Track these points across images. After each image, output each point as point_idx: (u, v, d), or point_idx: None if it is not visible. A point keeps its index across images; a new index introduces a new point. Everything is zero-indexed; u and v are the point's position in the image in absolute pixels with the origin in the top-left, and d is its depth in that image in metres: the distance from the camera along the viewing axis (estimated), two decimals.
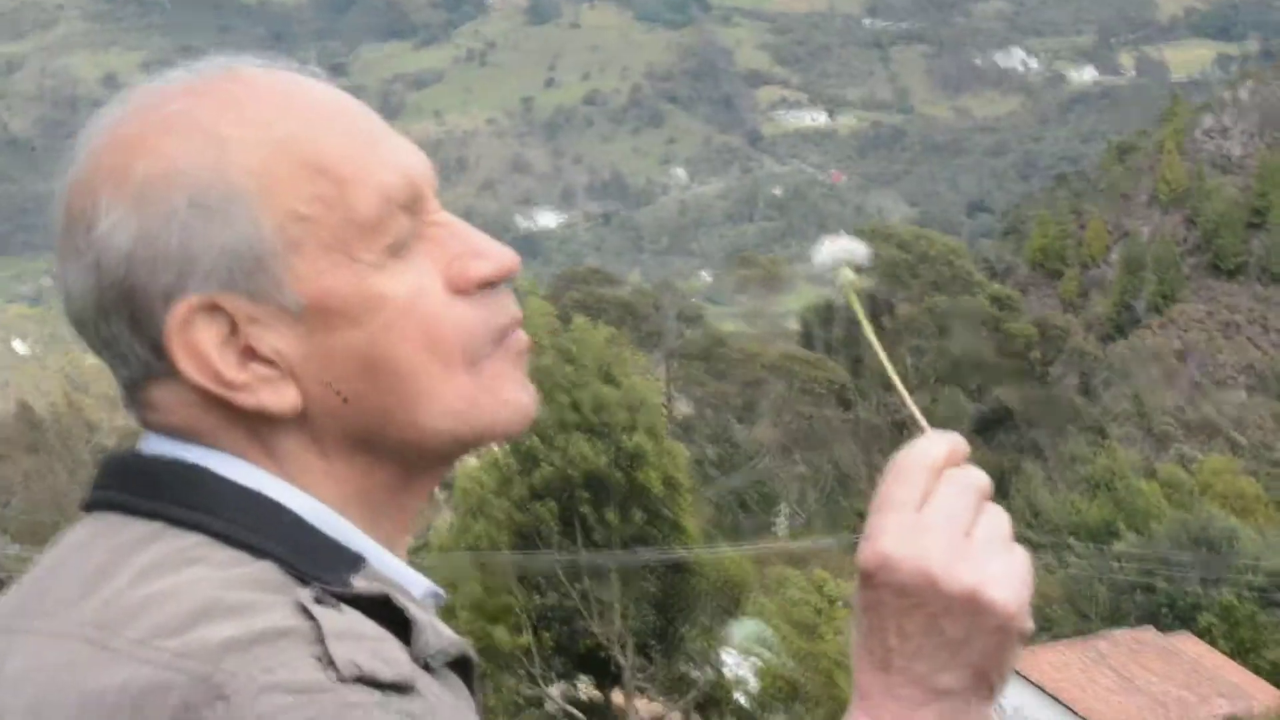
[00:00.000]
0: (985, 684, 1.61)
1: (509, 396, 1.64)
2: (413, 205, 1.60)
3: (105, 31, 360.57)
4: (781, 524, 76.14)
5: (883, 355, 1.82)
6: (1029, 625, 1.60)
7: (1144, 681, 52.48)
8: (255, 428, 1.57)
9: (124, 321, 1.55)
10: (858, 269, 1.70)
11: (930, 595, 1.57)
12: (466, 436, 1.64)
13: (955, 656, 1.58)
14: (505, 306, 1.65)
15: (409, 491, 1.66)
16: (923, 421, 1.69)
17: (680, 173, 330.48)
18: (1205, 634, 57.71)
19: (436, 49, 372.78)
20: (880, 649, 1.59)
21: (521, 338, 1.68)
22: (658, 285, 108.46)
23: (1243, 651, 56.23)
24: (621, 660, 42.56)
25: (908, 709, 1.58)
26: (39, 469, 56.03)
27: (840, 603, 40.99)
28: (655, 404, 45.89)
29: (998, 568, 1.58)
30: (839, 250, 1.72)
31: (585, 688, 44.38)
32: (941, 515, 1.58)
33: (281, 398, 1.55)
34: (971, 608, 1.57)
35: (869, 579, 1.59)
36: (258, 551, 1.50)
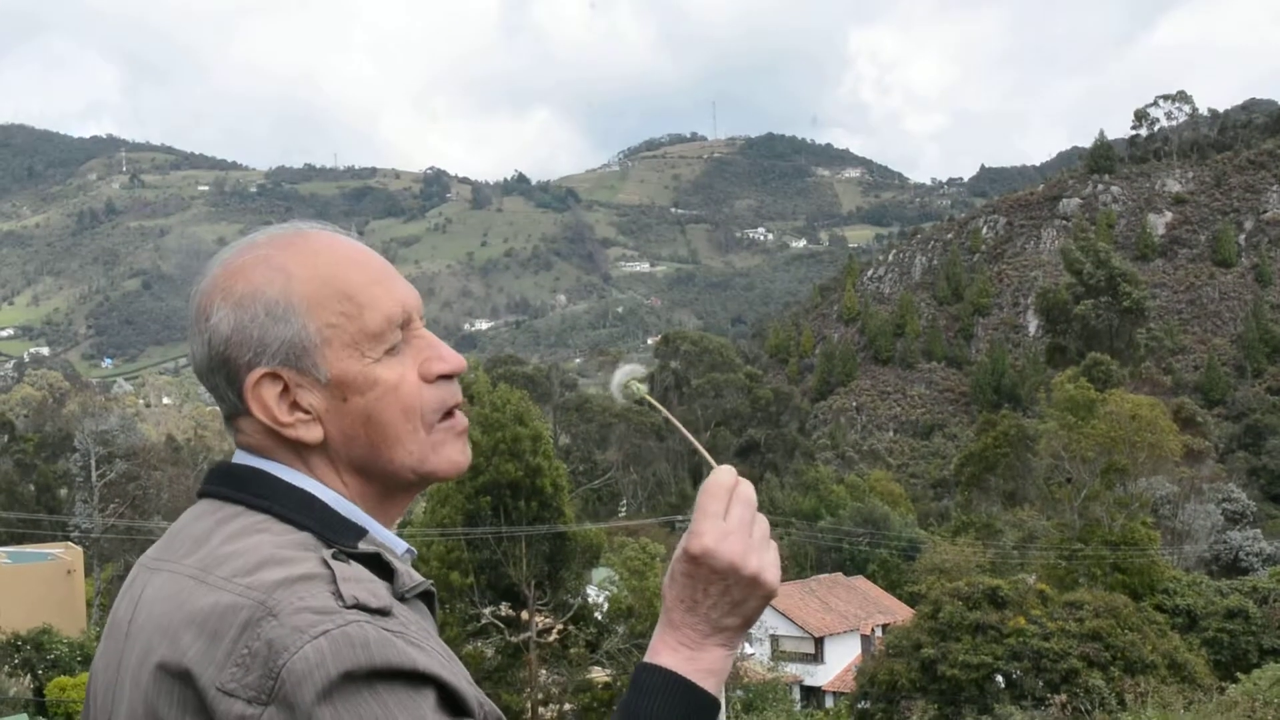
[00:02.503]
0: (748, 625, 1.61)
1: (448, 455, 1.61)
2: (405, 323, 1.59)
3: (218, 213, 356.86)
4: (622, 511, 75.71)
5: (680, 426, 1.76)
6: (779, 592, 1.60)
7: (835, 604, 52.57)
8: (298, 449, 1.56)
9: (222, 378, 1.56)
10: (641, 380, 1.68)
11: (730, 574, 1.57)
12: (420, 474, 1.60)
13: (735, 609, 1.59)
14: (454, 392, 1.62)
15: (389, 503, 1.63)
16: (711, 460, 1.66)
17: (562, 298, 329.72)
18: (872, 577, 58.03)
19: (416, 223, 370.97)
20: (689, 599, 1.59)
21: (462, 420, 1.65)
22: (548, 367, 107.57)
23: (893, 587, 56.55)
24: (526, 592, 42.03)
25: (702, 636, 1.59)
26: (178, 474, 55.51)
27: (658, 558, 40.76)
28: (547, 438, 45.29)
29: (769, 558, 1.59)
30: (625, 374, 1.72)
31: (505, 609, 43.80)
32: (737, 523, 1.58)
33: (313, 433, 1.55)
34: (753, 583, 1.57)
35: (694, 560, 1.57)
36: (300, 525, 1.51)
